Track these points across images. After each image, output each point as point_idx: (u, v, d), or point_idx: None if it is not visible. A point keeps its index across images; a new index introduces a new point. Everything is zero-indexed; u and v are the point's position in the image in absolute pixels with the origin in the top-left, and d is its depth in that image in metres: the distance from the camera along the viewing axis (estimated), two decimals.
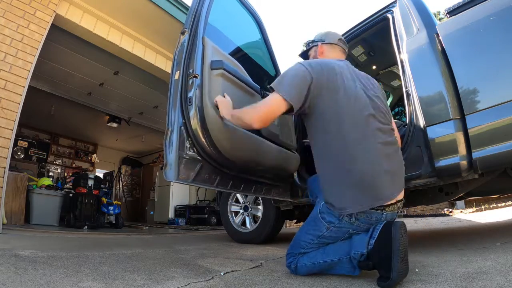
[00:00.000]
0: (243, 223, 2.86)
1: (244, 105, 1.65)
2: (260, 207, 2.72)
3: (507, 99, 1.43)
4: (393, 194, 1.22)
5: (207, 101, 1.44)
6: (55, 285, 1.13)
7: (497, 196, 4.30)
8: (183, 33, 1.56)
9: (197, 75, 1.45)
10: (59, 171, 7.88)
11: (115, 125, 6.77)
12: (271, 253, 2.18)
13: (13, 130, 2.73)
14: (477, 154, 1.49)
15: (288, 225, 5.58)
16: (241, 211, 2.88)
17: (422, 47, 1.77)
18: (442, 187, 1.87)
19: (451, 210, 5.61)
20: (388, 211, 1.22)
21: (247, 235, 2.76)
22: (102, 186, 5.63)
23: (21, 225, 3.57)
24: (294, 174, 2.25)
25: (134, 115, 6.69)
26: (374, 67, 3.19)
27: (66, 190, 5.39)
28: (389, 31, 2.10)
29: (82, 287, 1.14)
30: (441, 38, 1.71)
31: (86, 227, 4.42)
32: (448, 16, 1.90)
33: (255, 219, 2.82)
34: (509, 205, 4.83)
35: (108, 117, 6.69)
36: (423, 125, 1.68)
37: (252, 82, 1.78)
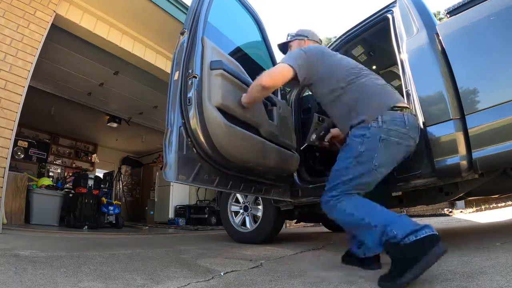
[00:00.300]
0: (243, 223, 2.86)
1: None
2: (260, 207, 2.72)
3: (507, 99, 1.42)
4: (400, 99, 1.48)
5: (207, 102, 1.44)
6: (55, 285, 1.13)
7: (497, 196, 4.30)
8: (182, 33, 1.56)
9: (196, 75, 1.45)
10: (59, 171, 7.88)
11: (115, 125, 6.77)
12: (271, 253, 2.18)
13: (13, 130, 2.73)
14: (477, 154, 1.49)
15: (288, 225, 5.58)
16: (241, 211, 2.88)
17: (422, 47, 1.77)
18: (442, 187, 1.87)
19: (451, 210, 5.61)
20: (406, 112, 1.40)
21: (247, 235, 2.76)
22: (102, 186, 5.62)
23: (21, 225, 3.57)
24: (294, 174, 2.26)
25: (134, 115, 6.69)
26: (374, 67, 3.18)
27: (66, 190, 5.38)
28: (389, 31, 2.10)
29: (82, 287, 1.14)
30: (441, 38, 1.71)
31: (86, 227, 4.42)
32: (448, 16, 1.90)
33: (255, 219, 2.81)
34: (509, 205, 4.83)
35: (108, 117, 6.69)
36: (423, 125, 1.68)
37: (251, 82, 1.77)
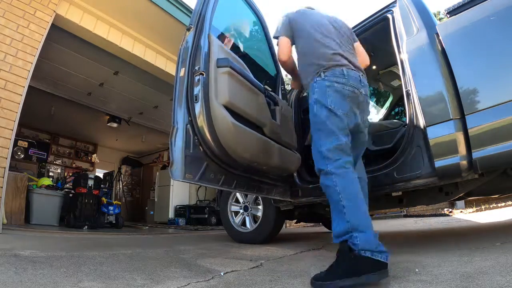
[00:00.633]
0: (243, 223, 2.85)
1: (249, 103, 1.65)
2: (260, 207, 2.72)
3: (507, 99, 1.42)
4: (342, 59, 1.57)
5: (214, 100, 1.42)
6: (55, 285, 1.13)
7: (497, 196, 4.29)
8: (188, 29, 1.54)
9: (203, 73, 1.44)
10: (59, 171, 7.87)
11: (115, 125, 6.77)
12: (271, 253, 2.18)
13: (13, 130, 2.73)
14: (477, 154, 1.49)
15: (288, 225, 5.58)
16: (241, 211, 2.88)
17: (422, 47, 1.77)
18: (442, 187, 1.87)
19: (451, 210, 5.61)
20: (348, 68, 1.50)
21: (247, 235, 2.76)
22: (102, 186, 5.61)
23: (21, 225, 3.57)
24: (294, 174, 2.26)
25: (134, 115, 6.68)
26: (374, 67, 3.19)
27: (66, 190, 5.37)
28: (389, 31, 2.10)
29: (82, 287, 1.14)
30: (441, 38, 1.71)
31: (86, 227, 4.42)
32: (448, 16, 1.90)
33: (255, 219, 2.81)
34: (509, 205, 4.84)
35: (108, 117, 6.68)
36: (423, 125, 1.68)
37: (256, 81, 1.77)
